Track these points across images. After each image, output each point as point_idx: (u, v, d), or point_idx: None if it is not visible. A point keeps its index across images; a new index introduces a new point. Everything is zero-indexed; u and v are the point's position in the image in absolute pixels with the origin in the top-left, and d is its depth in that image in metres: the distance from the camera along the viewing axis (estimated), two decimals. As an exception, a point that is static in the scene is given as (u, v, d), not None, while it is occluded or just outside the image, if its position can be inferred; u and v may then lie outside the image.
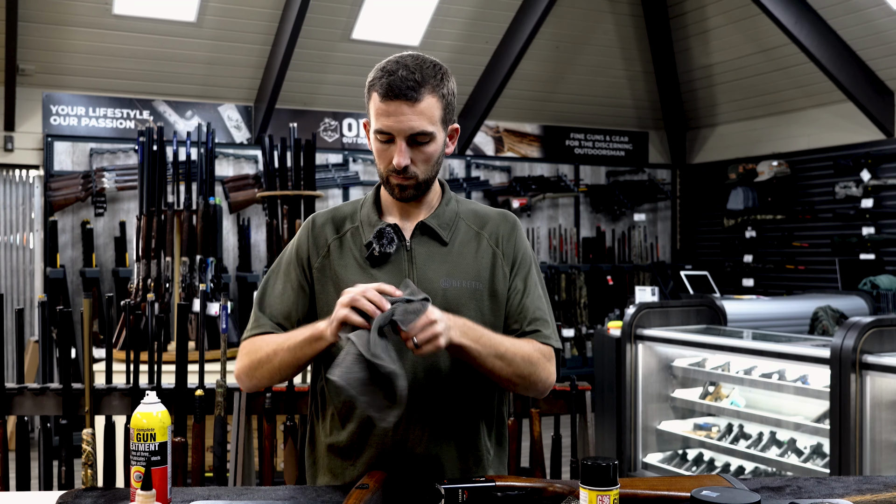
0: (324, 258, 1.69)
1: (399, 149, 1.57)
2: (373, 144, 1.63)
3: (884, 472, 3.36)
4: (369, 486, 1.44)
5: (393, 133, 1.57)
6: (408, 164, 1.58)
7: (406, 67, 1.56)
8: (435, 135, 1.60)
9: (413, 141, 1.58)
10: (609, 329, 4.97)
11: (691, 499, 1.31)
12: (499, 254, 1.71)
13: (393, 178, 1.61)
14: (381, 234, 1.64)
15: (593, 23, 7.78)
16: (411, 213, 1.69)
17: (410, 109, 1.55)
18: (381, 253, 1.64)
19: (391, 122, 1.56)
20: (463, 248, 1.69)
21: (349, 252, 1.68)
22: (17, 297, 6.52)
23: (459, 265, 1.67)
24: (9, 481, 2.24)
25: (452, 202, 1.74)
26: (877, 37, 6.43)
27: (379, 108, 1.57)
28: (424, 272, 1.64)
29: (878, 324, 3.38)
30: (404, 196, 1.63)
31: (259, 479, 2.34)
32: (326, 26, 6.81)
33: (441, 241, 1.68)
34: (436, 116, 1.59)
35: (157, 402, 1.51)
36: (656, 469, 4.55)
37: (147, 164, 4.34)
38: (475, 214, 1.75)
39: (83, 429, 2.11)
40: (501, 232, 1.73)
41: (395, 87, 1.54)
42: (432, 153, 1.61)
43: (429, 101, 1.57)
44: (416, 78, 1.55)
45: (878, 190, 6.75)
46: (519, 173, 8.02)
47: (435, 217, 1.69)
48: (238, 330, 4.71)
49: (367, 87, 1.62)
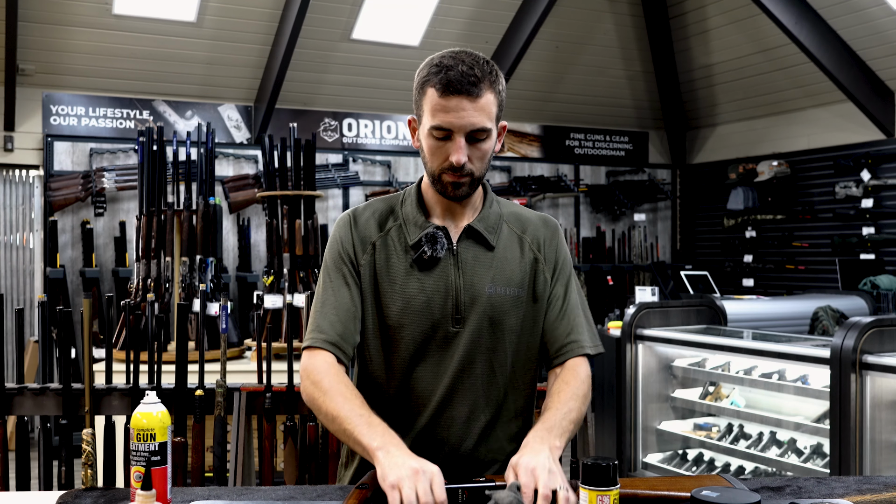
0: (370, 255, 1.66)
1: (458, 145, 1.55)
2: (424, 141, 1.59)
3: (884, 472, 3.35)
4: (369, 486, 1.44)
5: (453, 129, 1.54)
6: (465, 161, 1.56)
7: (464, 63, 1.54)
8: (492, 131, 1.58)
9: (471, 138, 1.55)
10: (609, 329, 4.97)
11: (691, 499, 1.31)
12: (540, 259, 1.70)
13: (447, 175, 1.58)
14: (434, 239, 1.62)
15: (593, 23, 7.78)
16: (456, 213, 1.67)
17: (471, 105, 1.53)
18: (430, 258, 1.62)
19: (451, 117, 1.53)
20: (507, 252, 1.68)
21: (394, 251, 1.65)
22: (17, 297, 6.52)
23: (504, 271, 1.66)
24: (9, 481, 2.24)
25: (495, 204, 1.72)
26: (877, 37, 6.42)
27: (437, 103, 1.54)
28: (471, 277, 1.63)
29: (878, 324, 3.38)
30: (458, 194, 1.61)
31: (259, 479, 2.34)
32: (326, 26, 6.81)
33: (487, 246, 1.66)
34: (493, 113, 1.57)
35: (157, 402, 1.51)
36: (656, 469, 4.55)
37: (147, 164, 4.34)
38: (517, 218, 1.74)
39: (83, 429, 2.11)
40: (542, 237, 1.72)
41: (455, 83, 1.52)
42: (487, 150, 1.59)
43: (488, 97, 1.55)
44: (476, 73, 1.53)
45: (878, 190, 6.75)
46: (519, 173, 8.02)
47: (481, 220, 1.67)
48: (238, 330, 4.71)
49: (418, 83, 1.59)
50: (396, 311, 1.63)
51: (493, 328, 1.65)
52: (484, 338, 1.64)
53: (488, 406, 1.65)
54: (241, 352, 4.35)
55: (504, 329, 1.66)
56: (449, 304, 1.63)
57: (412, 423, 1.64)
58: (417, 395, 1.64)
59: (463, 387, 1.63)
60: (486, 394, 1.65)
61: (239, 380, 2.47)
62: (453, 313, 1.63)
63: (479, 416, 1.64)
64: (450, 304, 1.63)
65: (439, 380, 1.63)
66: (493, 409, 1.65)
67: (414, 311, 1.62)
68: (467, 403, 1.64)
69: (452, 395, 1.63)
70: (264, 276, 4.35)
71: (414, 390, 1.64)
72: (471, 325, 1.63)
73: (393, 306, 1.63)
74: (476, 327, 1.63)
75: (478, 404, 1.64)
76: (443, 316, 1.63)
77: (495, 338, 1.65)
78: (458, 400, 1.63)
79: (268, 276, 4.28)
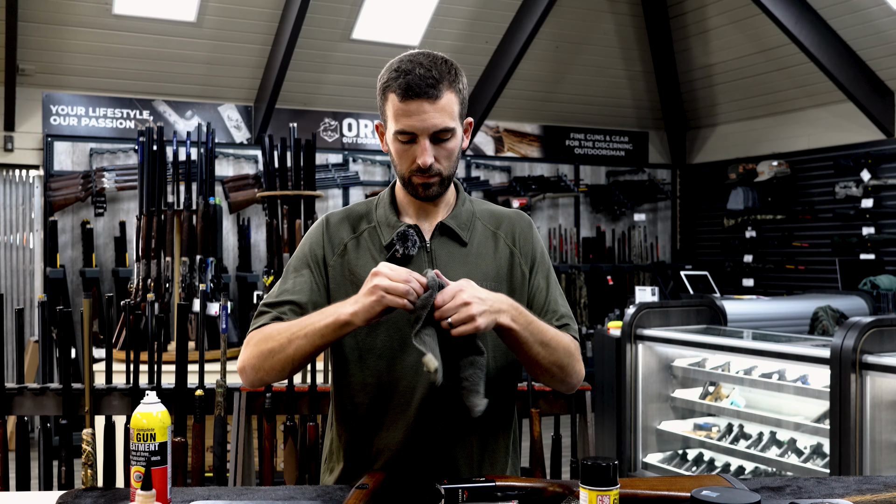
0: (339, 257, 1.67)
1: (423, 147, 1.56)
2: (391, 146, 1.61)
3: (884, 472, 3.35)
4: (369, 486, 1.44)
5: (416, 132, 1.56)
6: (432, 162, 1.57)
7: (421, 65, 1.55)
8: (455, 130, 1.59)
9: (435, 138, 1.57)
10: (609, 329, 4.97)
11: (691, 499, 1.31)
12: (516, 253, 1.71)
13: (416, 177, 1.60)
14: (405, 237, 1.63)
15: (593, 23, 7.78)
16: (429, 213, 1.68)
17: (432, 107, 1.54)
18: (403, 255, 1.62)
19: (414, 121, 1.55)
20: (481, 248, 1.69)
21: (366, 252, 1.66)
22: (17, 297, 6.52)
23: (479, 266, 1.67)
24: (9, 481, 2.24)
25: (468, 202, 1.73)
26: (877, 37, 6.43)
27: (399, 108, 1.56)
28: (445, 273, 1.62)
29: (878, 324, 3.38)
30: (428, 195, 1.62)
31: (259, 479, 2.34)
32: (326, 26, 6.81)
33: (461, 242, 1.67)
34: (455, 112, 1.58)
35: (157, 402, 1.51)
36: (656, 469, 4.55)
37: (147, 164, 4.34)
38: (490, 214, 1.75)
39: (83, 429, 2.11)
40: (517, 231, 1.73)
41: (414, 87, 1.53)
42: (453, 148, 1.61)
43: (448, 97, 1.56)
44: (433, 75, 1.55)
45: (878, 190, 6.75)
46: (519, 173, 8.02)
47: (453, 217, 1.68)
48: (238, 330, 4.71)
49: (380, 89, 1.60)
50: None
51: None
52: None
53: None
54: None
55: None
56: None
57: (398, 420, 1.62)
58: (400, 394, 1.63)
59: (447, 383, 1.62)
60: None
61: (239, 380, 2.47)
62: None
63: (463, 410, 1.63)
64: None
65: (421, 376, 1.61)
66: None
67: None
68: (450, 399, 1.62)
69: (434, 392, 1.61)
70: (264, 276, 4.36)
71: (397, 389, 1.63)
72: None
73: None
74: None
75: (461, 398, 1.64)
76: None
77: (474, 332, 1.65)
78: (441, 395, 1.61)
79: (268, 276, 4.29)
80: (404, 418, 1.62)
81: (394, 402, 1.63)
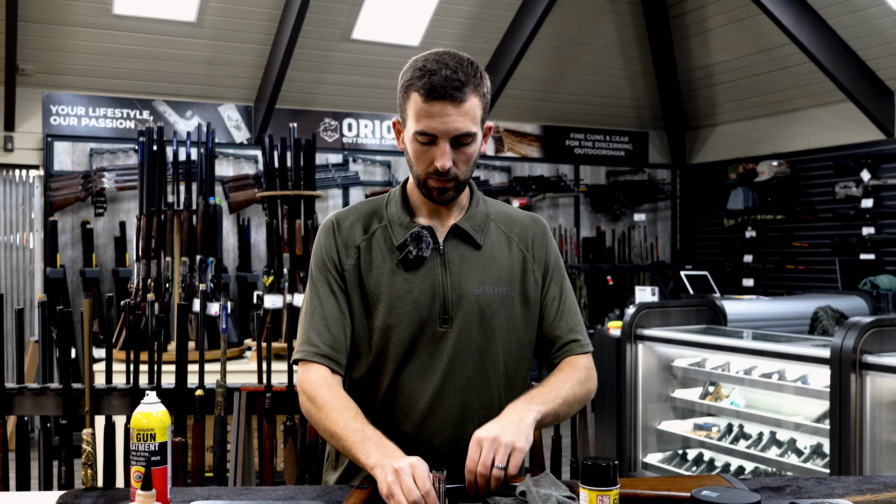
0: (355, 258, 1.65)
1: (442, 150, 1.53)
2: (409, 145, 1.58)
3: (884, 472, 3.35)
4: (369, 486, 1.44)
5: (437, 134, 1.53)
6: (450, 166, 1.54)
7: (447, 66, 1.51)
8: (476, 135, 1.57)
9: (456, 142, 1.54)
10: (609, 329, 4.96)
11: (691, 499, 1.31)
12: (529, 258, 1.70)
13: (432, 180, 1.57)
14: (419, 238, 1.61)
15: (593, 23, 7.78)
16: (442, 214, 1.66)
17: (455, 110, 1.51)
18: (416, 257, 1.61)
19: (436, 123, 1.52)
20: (495, 251, 1.67)
21: (379, 253, 1.64)
22: (17, 297, 6.52)
23: (492, 270, 1.65)
24: (9, 481, 2.24)
25: (482, 202, 1.72)
26: (877, 37, 6.43)
27: (421, 108, 1.52)
28: (458, 277, 1.63)
29: (878, 324, 3.38)
30: (443, 199, 1.60)
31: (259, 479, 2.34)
32: (326, 26, 6.81)
33: (474, 245, 1.66)
34: (478, 116, 1.56)
35: (157, 402, 1.51)
36: (656, 469, 4.55)
37: (147, 164, 4.33)
38: (505, 216, 1.73)
39: (83, 429, 2.11)
40: (531, 236, 1.72)
41: (439, 88, 1.50)
42: (472, 153, 1.58)
43: (472, 101, 1.53)
44: (459, 77, 1.51)
45: (878, 190, 6.75)
46: (519, 173, 8.02)
47: (468, 219, 1.66)
48: (238, 330, 4.71)
49: (402, 86, 1.56)
50: (384, 312, 1.62)
51: (482, 328, 1.64)
52: (473, 337, 1.63)
53: (482, 408, 1.64)
54: (241, 352, 4.35)
55: (494, 328, 1.65)
56: (436, 304, 1.62)
57: (402, 423, 1.63)
58: (406, 396, 1.63)
59: (453, 387, 1.62)
60: (479, 395, 1.64)
61: (239, 380, 2.47)
62: (441, 313, 1.62)
63: (472, 417, 1.63)
64: (437, 304, 1.62)
65: (428, 380, 1.62)
66: (486, 410, 1.63)
67: (401, 311, 1.61)
68: (458, 405, 1.62)
69: (442, 396, 1.61)
70: (264, 276, 4.35)
71: (403, 391, 1.63)
72: (458, 324, 1.62)
73: (380, 307, 1.62)
74: (464, 327, 1.62)
75: (470, 405, 1.63)
76: (430, 316, 1.62)
77: (485, 338, 1.64)
78: (449, 401, 1.62)
79: (268, 276, 4.29)
80: (409, 421, 1.63)
81: (399, 405, 1.63)
